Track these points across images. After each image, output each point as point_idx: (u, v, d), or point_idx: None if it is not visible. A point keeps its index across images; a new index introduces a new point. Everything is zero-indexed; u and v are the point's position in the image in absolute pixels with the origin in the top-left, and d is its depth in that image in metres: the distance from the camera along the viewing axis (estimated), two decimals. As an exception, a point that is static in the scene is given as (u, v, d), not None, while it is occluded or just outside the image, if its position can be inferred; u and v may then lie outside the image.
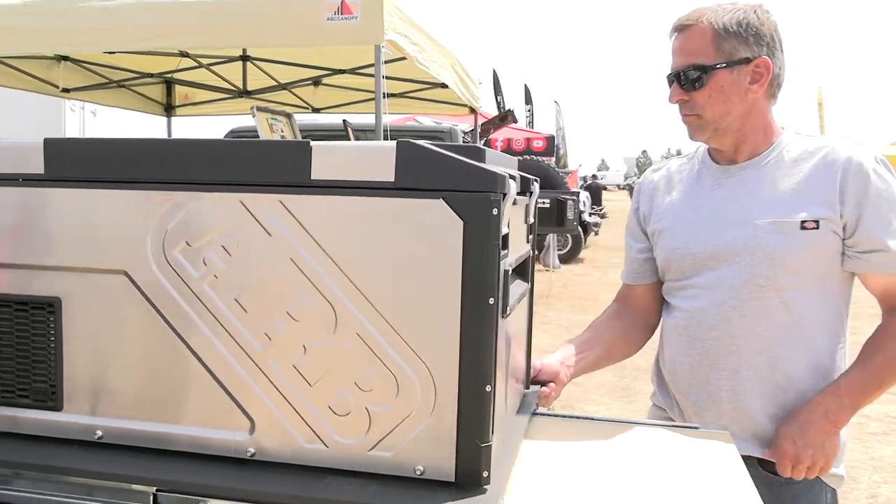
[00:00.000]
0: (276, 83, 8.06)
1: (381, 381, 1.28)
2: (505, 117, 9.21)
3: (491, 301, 1.23)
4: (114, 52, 6.69)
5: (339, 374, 1.29)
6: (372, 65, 5.15)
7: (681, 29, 1.90)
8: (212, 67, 7.67)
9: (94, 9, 5.13)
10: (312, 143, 1.28)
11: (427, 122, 10.69)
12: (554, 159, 16.00)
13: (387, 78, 5.24)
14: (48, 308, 1.39)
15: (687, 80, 1.86)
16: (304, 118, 8.40)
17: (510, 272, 1.35)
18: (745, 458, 1.76)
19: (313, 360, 1.30)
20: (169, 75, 7.94)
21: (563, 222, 10.98)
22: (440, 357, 1.26)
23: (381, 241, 1.26)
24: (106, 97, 8.10)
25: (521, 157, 11.73)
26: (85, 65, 7.36)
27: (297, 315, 1.30)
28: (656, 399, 2.17)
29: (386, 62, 5.11)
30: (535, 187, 1.66)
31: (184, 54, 7.30)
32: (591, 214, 22.47)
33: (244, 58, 7.66)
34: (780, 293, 1.83)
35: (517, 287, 1.52)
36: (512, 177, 1.31)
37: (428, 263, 1.25)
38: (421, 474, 1.28)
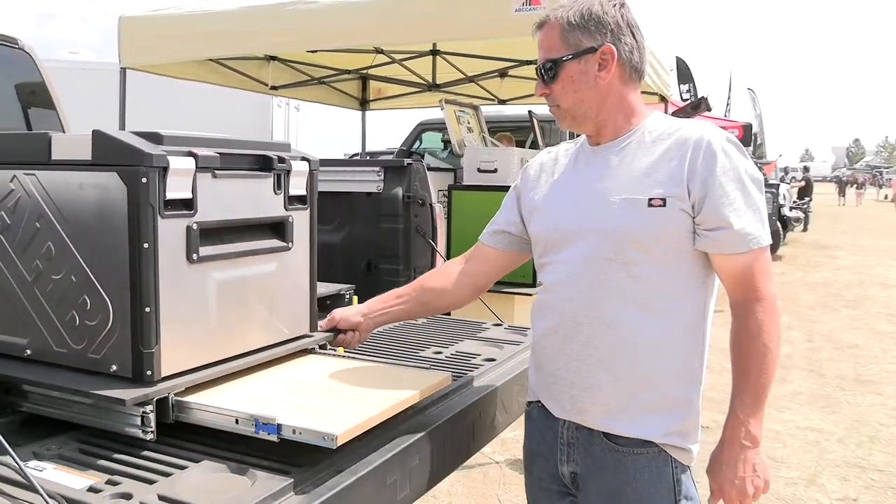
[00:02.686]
0: (463, 76, 8.40)
1: (93, 304, 1.78)
2: (698, 105, 8.93)
3: (146, 246, 1.70)
4: (315, 51, 7.44)
5: (71, 299, 1.81)
6: (557, 55, 5.27)
7: (539, 27, 2.01)
8: (403, 62, 8.20)
9: (299, 11, 5.76)
10: (52, 134, 1.80)
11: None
12: (751, 149, 15.06)
13: (573, 67, 5.31)
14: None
15: (545, 74, 1.98)
16: (490, 110, 8.70)
17: (196, 228, 1.80)
18: (593, 432, 1.96)
19: (56, 289, 1.83)
20: (364, 71, 8.58)
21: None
22: (123, 287, 1.73)
23: (88, 203, 1.77)
24: (308, 93, 8.97)
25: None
26: (290, 63, 8.22)
27: (46, 257, 1.83)
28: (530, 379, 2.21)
29: (572, 51, 5.23)
30: (298, 165, 2.06)
31: (378, 51, 7.90)
32: (791, 209, 20.89)
33: (434, 52, 8.06)
34: (628, 267, 1.89)
35: (245, 241, 1.97)
36: (192, 154, 1.76)
37: (114, 219, 1.73)
38: (115, 372, 1.77)
